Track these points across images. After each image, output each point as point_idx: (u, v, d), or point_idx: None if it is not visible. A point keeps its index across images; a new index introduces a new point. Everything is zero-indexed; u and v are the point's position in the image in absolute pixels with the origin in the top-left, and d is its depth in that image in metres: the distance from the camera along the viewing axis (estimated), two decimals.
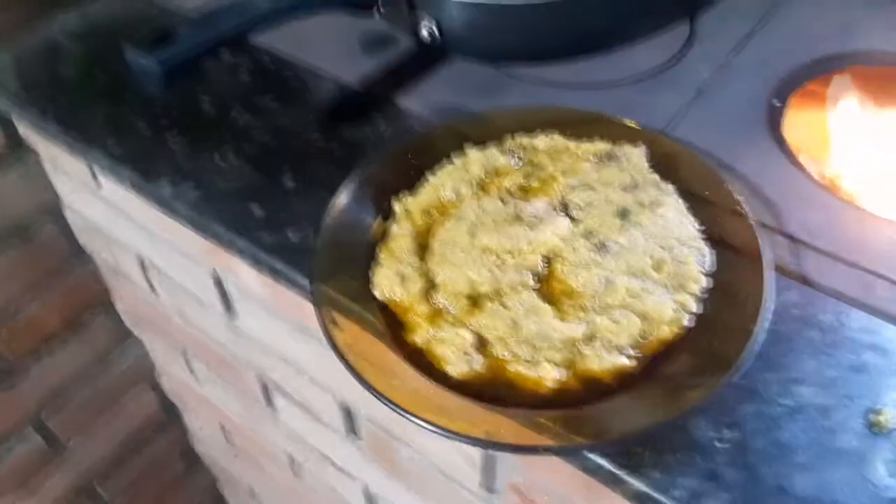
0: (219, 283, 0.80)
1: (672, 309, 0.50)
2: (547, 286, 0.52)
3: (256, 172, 0.67)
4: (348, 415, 0.82)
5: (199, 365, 1.07)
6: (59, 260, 1.07)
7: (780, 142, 0.66)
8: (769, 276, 0.52)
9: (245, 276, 0.73)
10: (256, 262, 0.62)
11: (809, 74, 0.73)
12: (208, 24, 0.56)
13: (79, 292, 1.13)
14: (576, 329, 0.49)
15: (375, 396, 0.47)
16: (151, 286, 0.97)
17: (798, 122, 0.69)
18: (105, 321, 1.18)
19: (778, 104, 0.70)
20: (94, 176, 0.84)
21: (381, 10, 0.69)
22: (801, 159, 0.65)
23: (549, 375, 0.47)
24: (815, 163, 0.65)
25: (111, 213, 0.88)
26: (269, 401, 0.95)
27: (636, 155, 0.60)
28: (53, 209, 1.01)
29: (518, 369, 0.48)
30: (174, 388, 1.27)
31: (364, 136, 0.70)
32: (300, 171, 0.67)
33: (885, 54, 0.75)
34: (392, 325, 0.52)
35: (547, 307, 0.50)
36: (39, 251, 1.03)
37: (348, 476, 0.95)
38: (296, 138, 0.70)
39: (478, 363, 0.48)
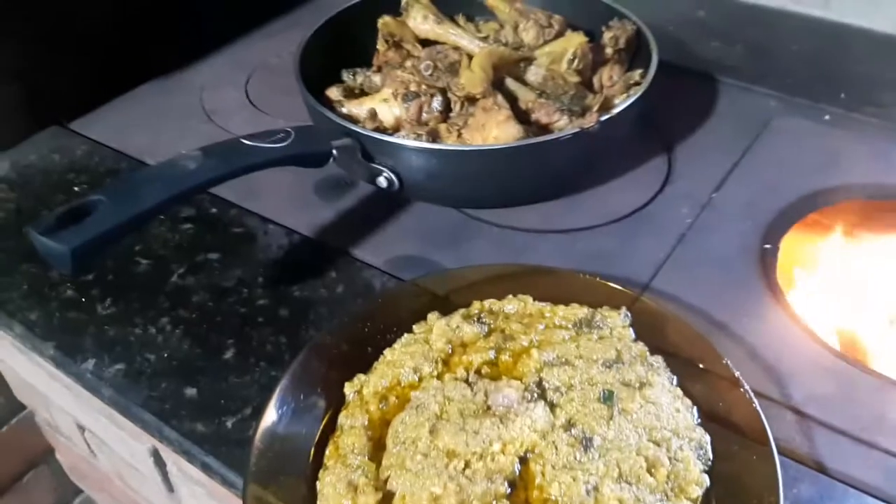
0: (158, 460, 0.71)
1: None
2: (524, 494, 0.44)
3: (193, 345, 0.59)
4: None
5: None
6: None
7: (776, 293, 0.60)
8: (779, 470, 0.44)
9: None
10: (187, 456, 0.54)
11: (799, 213, 0.67)
12: (129, 198, 0.49)
13: (19, 448, 1.03)
14: None
15: None
16: (90, 448, 0.88)
17: (793, 268, 0.63)
18: (48, 476, 1.08)
19: (769, 248, 0.64)
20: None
21: (336, 159, 0.63)
22: (801, 312, 0.58)
23: None
24: (818, 315, 0.59)
25: (43, 376, 0.79)
26: None
27: (618, 322, 0.54)
28: None
29: None
30: None
31: (316, 296, 0.63)
32: (242, 342, 0.59)
33: (873, 186, 0.70)
34: None
35: None
36: None
37: None
38: (240, 302, 0.63)
39: None
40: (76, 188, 0.76)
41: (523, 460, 0.45)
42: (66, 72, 0.84)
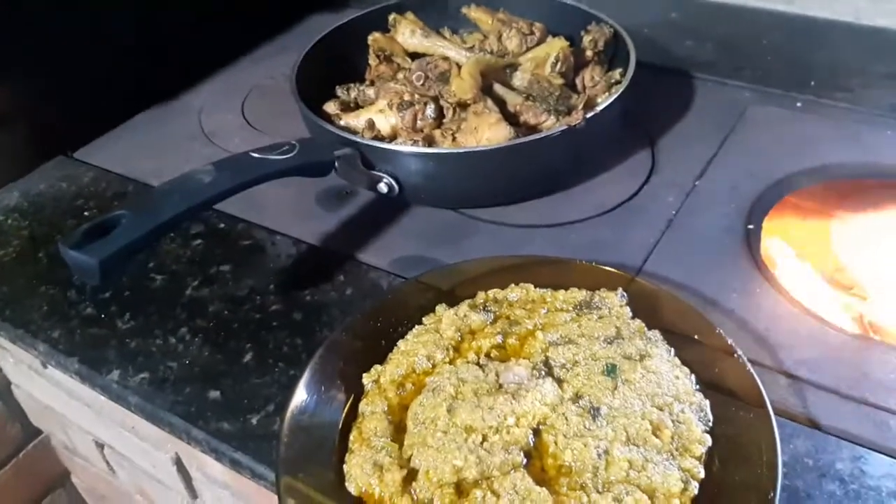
0: (180, 467, 0.73)
1: (680, 479, 0.45)
2: (539, 463, 0.47)
3: (213, 351, 0.62)
4: None
5: None
6: (12, 443, 1.00)
7: (762, 268, 0.64)
8: (776, 427, 0.48)
9: (208, 461, 0.67)
10: (216, 454, 0.56)
11: (779, 194, 0.71)
12: (150, 211, 0.53)
13: (35, 474, 1.05)
14: None
15: None
16: (110, 466, 0.90)
17: (777, 245, 0.67)
18: (65, 501, 1.09)
19: (752, 228, 0.67)
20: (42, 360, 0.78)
21: (338, 169, 0.66)
22: (786, 285, 0.62)
23: None
24: (802, 286, 0.62)
25: (61, 396, 0.82)
26: None
27: (615, 301, 0.57)
28: (2, 391, 0.94)
29: None
30: None
31: (327, 299, 0.66)
32: (260, 346, 0.62)
33: (846, 166, 0.74)
34: None
35: (542, 491, 0.45)
36: None
37: None
38: (254, 309, 0.66)
39: None
40: (86, 213, 0.79)
41: (536, 432, 0.48)
42: (68, 104, 0.87)
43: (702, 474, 0.46)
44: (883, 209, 0.72)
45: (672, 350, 0.54)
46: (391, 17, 0.83)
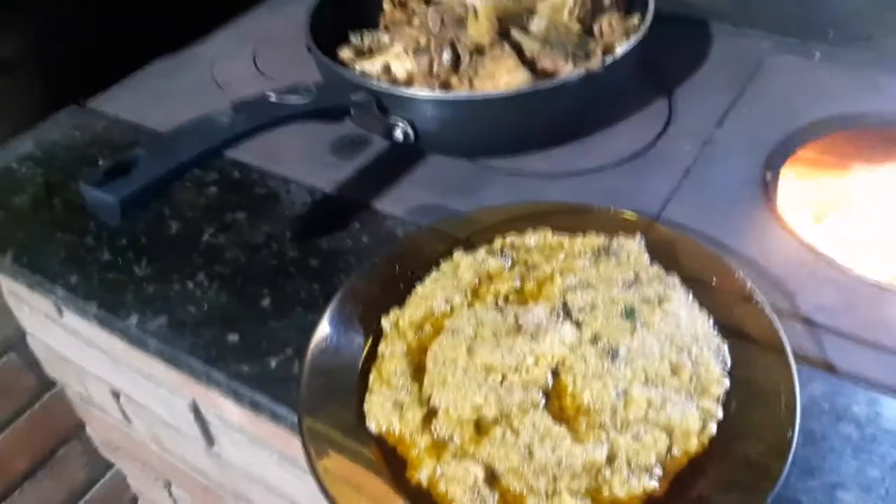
0: (197, 413, 0.74)
1: (698, 418, 0.45)
2: (558, 403, 0.48)
3: (231, 296, 0.63)
4: None
5: (181, 493, 1.00)
6: (27, 394, 1.01)
7: (779, 217, 0.63)
8: (794, 369, 0.48)
9: (225, 406, 0.68)
10: (235, 396, 0.57)
11: (797, 143, 0.71)
12: (169, 151, 0.52)
13: (50, 425, 1.06)
14: (596, 451, 0.44)
15: None
16: (125, 415, 0.91)
17: (794, 194, 0.66)
18: (79, 452, 1.11)
19: (770, 177, 0.67)
20: (58, 307, 0.79)
21: (353, 115, 0.66)
22: (804, 232, 0.62)
23: None
24: (820, 234, 0.62)
25: (78, 344, 0.82)
26: None
27: (633, 247, 0.57)
28: (17, 342, 0.95)
29: None
30: None
31: (343, 246, 0.66)
32: (277, 291, 0.62)
33: (866, 115, 0.74)
34: (391, 460, 0.47)
35: (561, 428, 0.45)
36: (4, 387, 0.96)
37: None
38: (271, 255, 0.66)
39: (491, 501, 0.43)
40: (100, 161, 0.79)
41: (555, 373, 0.49)
42: (79, 53, 0.87)
43: (720, 414, 0.47)
44: None
45: (691, 294, 0.54)
46: None
